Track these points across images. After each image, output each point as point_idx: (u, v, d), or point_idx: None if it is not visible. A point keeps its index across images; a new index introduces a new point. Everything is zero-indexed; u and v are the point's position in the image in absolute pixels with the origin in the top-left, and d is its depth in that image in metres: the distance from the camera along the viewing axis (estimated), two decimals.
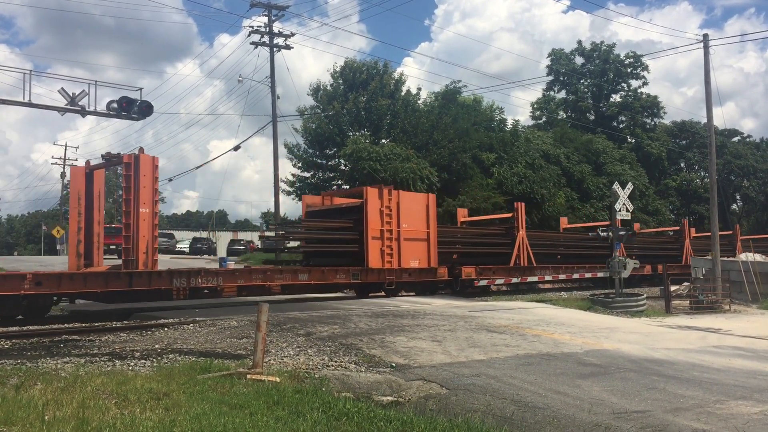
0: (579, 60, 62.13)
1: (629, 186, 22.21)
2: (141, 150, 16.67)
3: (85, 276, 15.98)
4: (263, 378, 7.69)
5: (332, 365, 9.07)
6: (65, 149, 61.20)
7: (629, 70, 60.66)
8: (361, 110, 39.62)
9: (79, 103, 20.15)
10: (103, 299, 16.48)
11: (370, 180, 35.89)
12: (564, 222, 32.97)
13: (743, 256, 26.55)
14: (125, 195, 16.87)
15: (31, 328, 13.89)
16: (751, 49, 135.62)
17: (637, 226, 36.45)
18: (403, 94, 41.97)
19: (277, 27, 36.93)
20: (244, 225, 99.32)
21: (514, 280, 25.54)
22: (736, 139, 68.08)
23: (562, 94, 61.81)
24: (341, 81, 41.60)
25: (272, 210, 37.16)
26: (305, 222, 21.68)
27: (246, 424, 5.70)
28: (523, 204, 27.37)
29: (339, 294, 22.60)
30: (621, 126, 60.62)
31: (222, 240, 66.45)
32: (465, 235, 26.34)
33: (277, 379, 7.72)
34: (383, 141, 39.24)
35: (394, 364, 9.10)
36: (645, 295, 20.04)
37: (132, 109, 20.46)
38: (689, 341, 12.77)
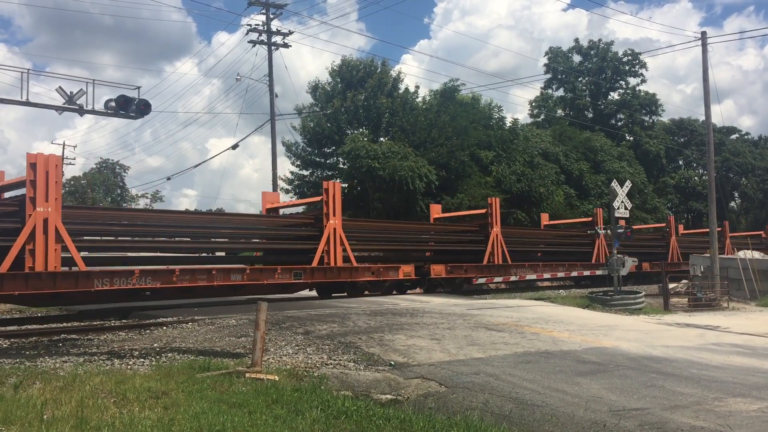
0: (577, 58, 62.21)
1: (627, 183, 22.24)
2: None
3: None
4: (262, 376, 7.69)
5: (331, 364, 9.07)
6: (63, 148, 60.97)
7: (627, 68, 60.69)
8: (360, 108, 39.58)
9: (77, 102, 20.11)
10: None
11: (369, 178, 35.90)
12: (436, 210, 27.25)
13: (742, 254, 26.60)
14: None
15: (29, 327, 13.89)
16: (750, 47, 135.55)
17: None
18: (401, 92, 41.94)
19: (275, 25, 36.87)
20: None
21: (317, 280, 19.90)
22: (734, 136, 68.02)
23: (561, 92, 61.88)
24: (339, 79, 41.57)
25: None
26: None
27: (245, 423, 5.70)
28: (336, 183, 20.63)
29: None
30: (619, 124, 60.64)
31: None
32: (270, 225, 20.59)
33: (276, 378, 7.72)
34: (382, 139, 39.22)
35: (392, 363, 9.10)
36: (643, 293, 20.08)
37: (130, 107, 20.44)
38: (688, 339, 12.78)
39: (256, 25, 36.34)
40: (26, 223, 14.40)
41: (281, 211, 22.49)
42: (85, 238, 15.96)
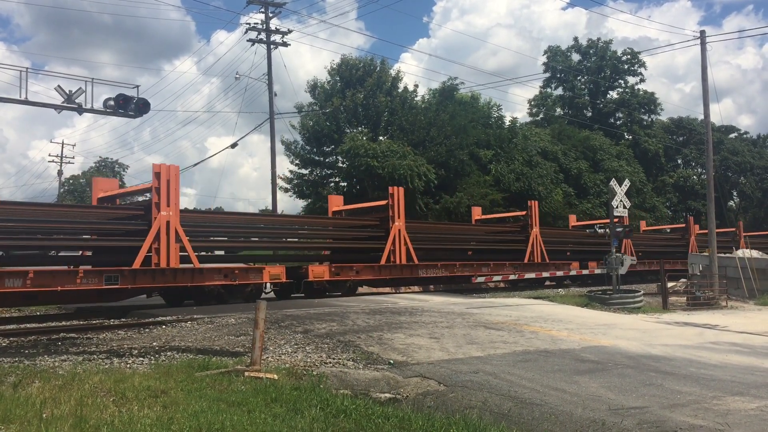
0: (576, 57, 62.22)
1: (626, 182, 22.23)
2: None
3: None
4: (261, 375, 7.69)
5: (330, 362, 9.07)
6: (62, 147, 60.98)
7: (626, 66, 60.73)
8: (359, 107, 39.60)
9: (76, 101, 20.01)
10: None
11: (368, 177, 35.91)
12: (335, 203, 24.21)
13: (740, 253, 26.63)
14: None
15: (29, 326, 13.88)
16: (749, 46, 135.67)
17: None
18: (400, 90, 41.96)
19: (274, 24, 36.80)
20: None
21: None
22: (733, 135, 68.08)
23: (559, 91, 61.90)
24: (338, 78, 41.57)
25: (270, 207, 37.12)
26: None
27: (244, 422, 5.70)
28: (172, 166, 17.20)
29: None
30: (618, 122, 60.65)
31: None
32: (98, 218, 17.42)
33: (275, 377, 7.72)
34: (381, 138, 39.23)
35: (391, 361, 9.10)
36: (642, 292, 20.10)
37: (129, 106, 20.35)
38: (686, 337, 12.80)
39: (255, 23, 36.34)
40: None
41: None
42: None
